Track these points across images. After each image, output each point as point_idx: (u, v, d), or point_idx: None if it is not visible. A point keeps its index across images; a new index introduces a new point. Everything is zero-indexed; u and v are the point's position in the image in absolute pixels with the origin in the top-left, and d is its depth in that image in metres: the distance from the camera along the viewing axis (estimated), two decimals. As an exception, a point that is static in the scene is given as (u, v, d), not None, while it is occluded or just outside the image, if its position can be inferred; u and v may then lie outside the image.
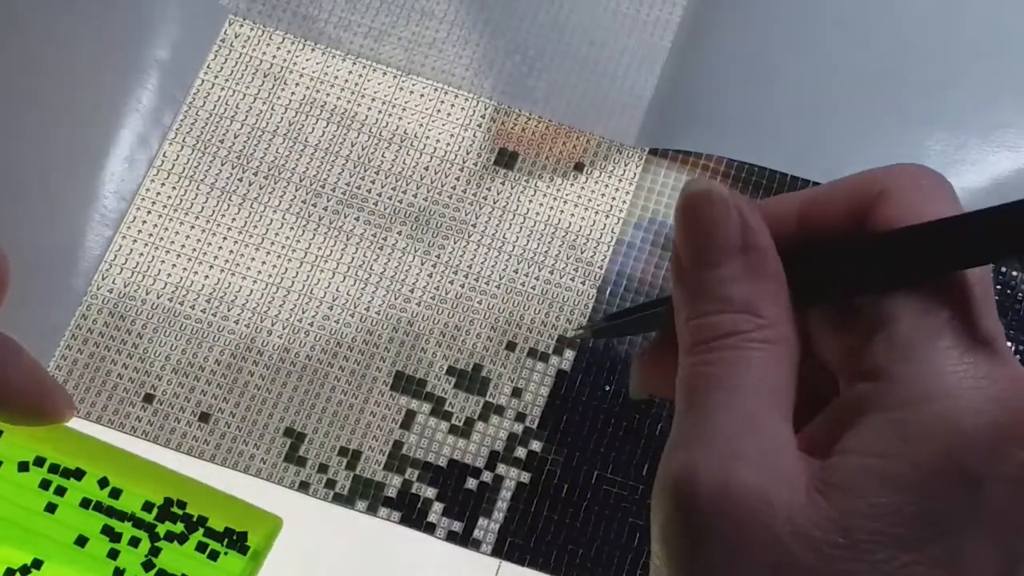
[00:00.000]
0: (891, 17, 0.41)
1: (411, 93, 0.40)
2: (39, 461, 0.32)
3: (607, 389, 0.37)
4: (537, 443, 0.36)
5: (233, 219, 0.38)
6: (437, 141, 0.39)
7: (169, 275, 0.37)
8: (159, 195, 0.38)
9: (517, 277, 0.38)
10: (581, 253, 0.38)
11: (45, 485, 0.32)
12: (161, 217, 0.38)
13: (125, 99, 0.39)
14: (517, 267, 0.38)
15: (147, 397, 0.36)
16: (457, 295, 0.38)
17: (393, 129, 0.39)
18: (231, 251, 0.38)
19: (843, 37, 0.41)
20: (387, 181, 0.39)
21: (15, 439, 0.32)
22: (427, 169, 0.39)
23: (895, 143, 0.39)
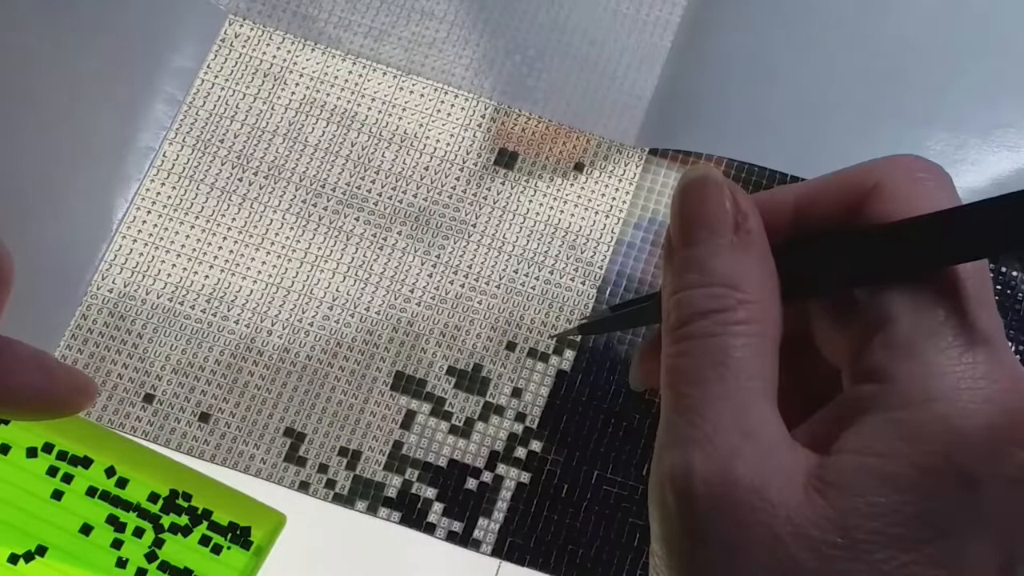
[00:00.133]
0: (891, 17, 0.41)
1: (411, 93, 0.40)
2: (47, 447, 0.32)
3: (607, 389, 0.37)
4: (537, 443, 0.36)
5: (233, 219, 0.38)
6: (437, 141, 0.39)
7: (169, 275, 0.37)
8: (159, 195, 0.38)
9: (517, 277, 0.38)
10: (581, 253, 0.38)
11: (52, 472, 0.32)
12: (161, 217, 0.38)
13: (125, 99, 0.39)
14: (517, 267, 0.38)
15: (147, 397, 0.36)
16: (457, 295, 0.38)
17: (393, 129, 0.39)
18: (231, 251, 0.38)
19: (843, 37, 0.41)
20: (387, 181, 0.39)
21: (24, 424, 0.32)
22: (427, 169, 0.39)
23: (895, 143, 0.39)
